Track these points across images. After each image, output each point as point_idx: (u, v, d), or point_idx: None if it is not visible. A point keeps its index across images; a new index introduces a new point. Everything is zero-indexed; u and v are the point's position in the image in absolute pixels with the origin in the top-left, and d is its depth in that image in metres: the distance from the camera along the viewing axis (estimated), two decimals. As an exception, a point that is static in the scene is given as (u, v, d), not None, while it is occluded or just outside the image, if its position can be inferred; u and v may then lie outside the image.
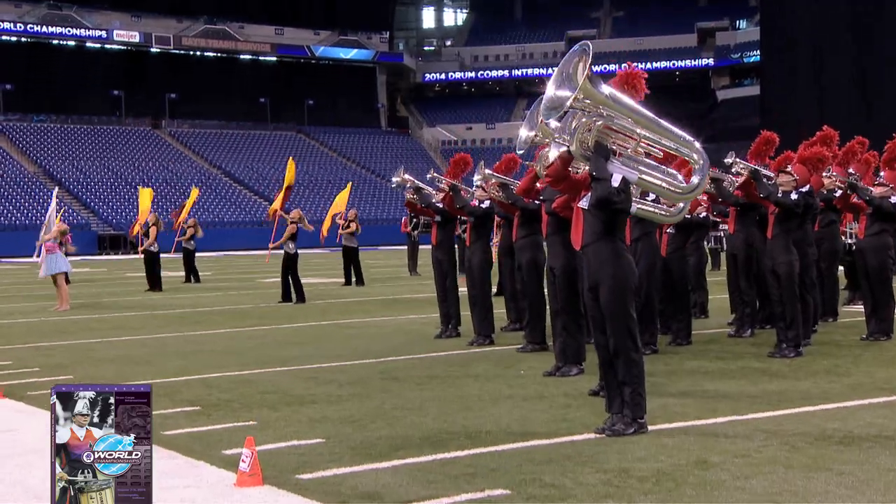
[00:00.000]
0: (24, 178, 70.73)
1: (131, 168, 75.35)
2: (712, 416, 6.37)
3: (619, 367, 5.92)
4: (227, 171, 78.69)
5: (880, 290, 10.20)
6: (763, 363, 8.70)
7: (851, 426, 6.01)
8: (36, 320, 15.00)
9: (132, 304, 17.63)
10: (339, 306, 16.10)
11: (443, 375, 8.35)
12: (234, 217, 71.16)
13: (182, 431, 6.30)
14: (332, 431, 6.16)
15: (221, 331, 12.67)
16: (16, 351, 11.07)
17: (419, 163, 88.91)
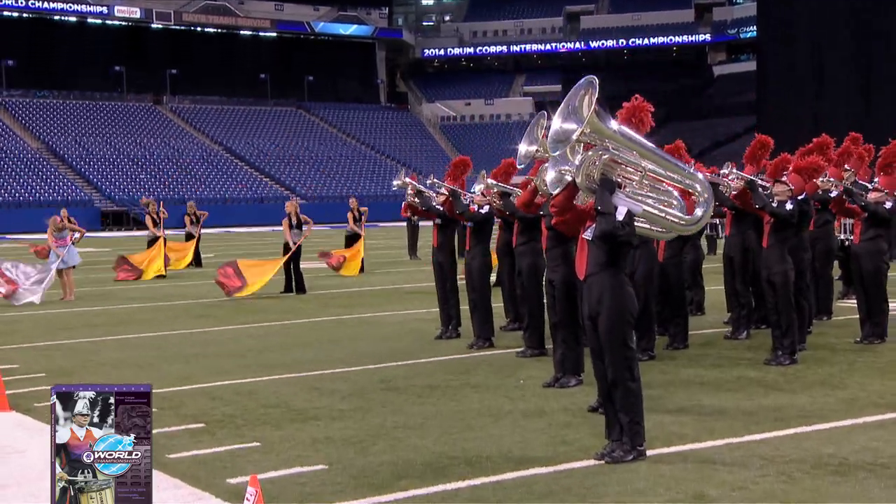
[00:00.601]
0: (27, 153, 70.54)
1: (133, 144, 75.13)
2: (709, 438, 6.37)
3: (616, 396, 5.92)
4: (227, 148, 78.50)
5: (875, 294, 10.19)
6: (759, 371, 8.70)
7: (846, 451, 6.02)
8: (42, 312, 15.00)
9: (137, 294, 17.61)
10: (340, 299, 16.08)
11: (443, 386, 8.35)
12: (235, 193, 71.04)
13: (187, 455, 6.30)
14: (335, 455, 6.16)
15: (225, 328, 12.67)
16: (22, 352, 11.08)
17: (418, 139, 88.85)
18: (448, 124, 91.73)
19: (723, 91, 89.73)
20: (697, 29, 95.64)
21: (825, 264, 12.08)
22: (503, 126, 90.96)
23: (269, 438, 6.68)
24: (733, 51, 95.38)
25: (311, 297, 16.24)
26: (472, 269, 10.37)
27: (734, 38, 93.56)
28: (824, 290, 12.06)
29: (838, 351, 9.77)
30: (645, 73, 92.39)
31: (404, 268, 22.94)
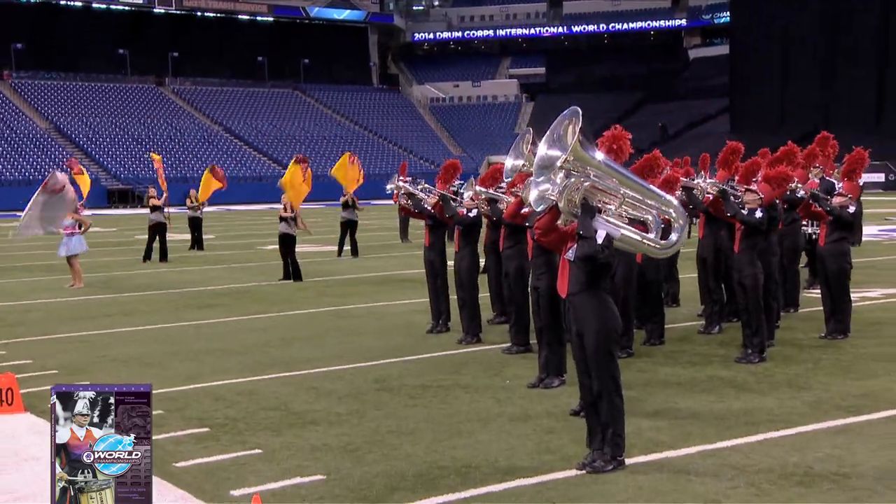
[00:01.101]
0: (36, 133, 70.06)
1: (137, 124, 74.65)
2: (684, 445, 6.43)
3: (601, 408, 5.96)
4: (227, 128, 78.09)
5: (839, 293, 10.26)
6: (730, 370, 8.76)
7: (811, 459, 6.08)
8: (53, 301, 14.97)
9: (143, 281, 17.57)
10: (336, 287, 16.05)
11: (434, 386, 8.37)
12: (235, 172, 70.62)
13: (192, 463, 6.31)
14: (332, 465, 6.19)
15: (229, 319, 12.66)
16: (35, 345, 11.05)
17: (409, 119, 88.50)
18: (437, 105, 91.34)
19: (697, 74, 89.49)
20: (674, 14, 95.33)
21: (793, 260, 12.15)
22: (489, 107, 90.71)
23: (270, 445, 6.70)
24: (707, 35, 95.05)
25: (309, 285, 16.22)
26: (461, 270, 10.39)
27: (708, 24, 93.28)
28: (792, 284, 12.14)
29: (804, 348, 9.83)
30: (624, 57, 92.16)
31: (397, 252, 22.95)
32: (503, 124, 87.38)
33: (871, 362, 9.04)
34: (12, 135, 68.61)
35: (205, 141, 74.79)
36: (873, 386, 8.11)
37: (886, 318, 11.50)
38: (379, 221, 36.91)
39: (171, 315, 13.17)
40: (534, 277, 8.37)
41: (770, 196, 9.37)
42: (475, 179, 10.35)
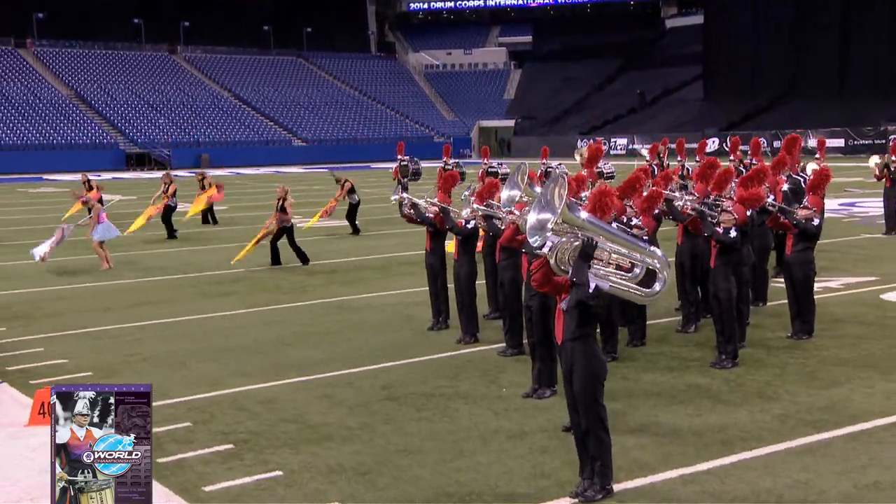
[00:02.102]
0: (59, 100, 69.39)
1: (152, 91, 73.94)
2: (665, 468, 6.53)
3: (589, 443, 6.06)
4: (235, 94, 77.41)
5: (804, 298, 10.34)
6: (706, 377, 8.85)
7: (781, 486, 6.20)
8: (83, 287, 14.97)
9: (162, 263, 17.57)
10: (341, 273, 16.04)
11: (437, 395, 8.45)
12: (243, 136, 70.32)
13: (219, 487, 6.40)
14: (347, 490, 6.28)
15: (246, 311, 12.69)
16: (69, 341, 11.07)
17: (405, 85, 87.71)
18: (431, 72, 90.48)
19: (673, 42, 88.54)
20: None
21: (762, 259, 12.18)
22: (480, 74, 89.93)
23: (290, 465, 6.78)
24: (683, 5, 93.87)
25: (316, 270, 16.24)
26: (461, 276, 10.43)
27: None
28: (761, 281, 12.20)
29: (772, 349, 9.92)
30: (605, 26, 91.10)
31: (398, 228, 22.84)
32: (493, 90, 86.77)
33: (833, 367, 9.14)
34: (36, 101, 67.97)
35: (215, 107, 74.18)
36: (835, 396, 8.22)
37: (846, 314, 11.55)
38: (379, 190, 36.73)
39: (191, 305, 13.20)
40: (527, 296, 8.42)
41: (743, 218, 9.40)
42: (473, 195, 10.32)
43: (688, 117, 69.73)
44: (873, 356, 9.59)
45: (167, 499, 6.26)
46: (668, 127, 69.25)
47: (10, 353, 10.54)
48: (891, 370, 9.05)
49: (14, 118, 64.54)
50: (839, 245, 17.65)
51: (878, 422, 7.52)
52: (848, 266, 15.30)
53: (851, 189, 31.06)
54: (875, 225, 20.62)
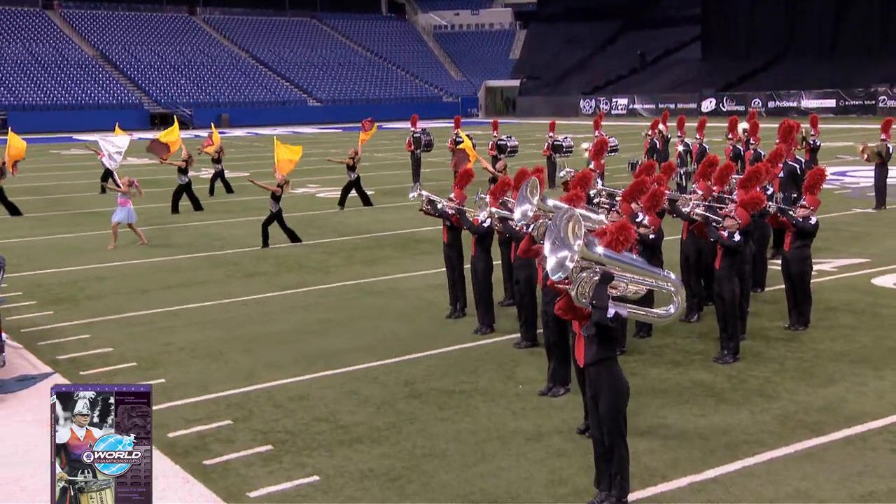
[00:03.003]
0: (85, 60, 68.84)
1: (173, 52, 73.28)
2: (674, 476, 6.65)
3: (613, 459, 6.15)
4: (252, 54, 76.62)
5: (801, 291, 10.39)
6: (710, 373, 8.93)
7: (783, 495, 6.33)
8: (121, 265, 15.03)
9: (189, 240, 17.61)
10: (362, 250, 16.00)
11: (457, 391, 8.55)
12: (261, 97, 69.81)
13: (263, 493, 6.54)
14: (380, 498, 6.42)
15: (274, 294, 12.75)
16: (112, 327, 11.17)
17: (415, 45, 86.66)
18: (440, 32, 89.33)
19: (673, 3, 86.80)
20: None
21: (761, 247, 12.19)
22: (487, 34, 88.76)
23: (326, 469, 6.90)
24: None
25: (337, 248, 16.26)
26: (477, 271, 10.48)
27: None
28: (760, 268, 12.22)
29: (771, 341, 9.98)
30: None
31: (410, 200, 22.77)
32: (499, 51, 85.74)
33: (829, 363, 9.21)
34: (64, 62, 67.48)
35: (234, 67, 73.53)
36: (831, 395, 8.30)
37: (839, 302, 11.58)
38: (392, 154, 36.54)
39: (220, 288, 13.25)
40: (544, 303, 8.47)
41: (746, 222, 9.42)
42: (488, 195, 10.28)
43: (686, 78, 68.94)
44: (865, 349, 9.66)
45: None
46: (668, 87, 68.61)
47: (59, 339, 10.68)
48: (882, 365, 9.13)
49: (43, 78, 64.16)
50: (831, 222, 17.53)
51: (871, 424, 7.61)
52: (840, 246, 15.28)
53: (842, 156, 30.82)
54: (866, 198, 20.50)
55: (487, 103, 78.10)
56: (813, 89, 59.58)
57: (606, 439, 6.16)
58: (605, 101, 69.72)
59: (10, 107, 59.39)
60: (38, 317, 11.76)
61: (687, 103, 64.56)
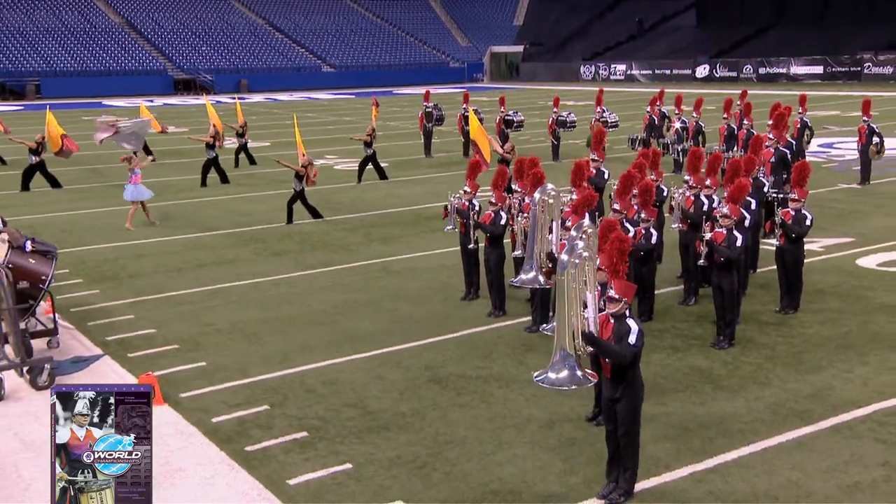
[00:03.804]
0: (112, 28, 68.19)
1: (194, 19, 72.50)
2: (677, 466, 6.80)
3: (625, 456, 6.30)
4: (269, 21, 75.76)
5: (794, 278, 10.48)
6: (707, 359, 9.07)
7: (776, 485, 6.49)
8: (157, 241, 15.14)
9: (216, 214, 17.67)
10: (378, 229, 15.96)
11: (474, 377, 8.70)
12: (278, 63, 69.20)
13: (301, 481, 6.71)
14: (408, 487, 6.58)
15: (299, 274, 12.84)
16: (153, 307, 11.29)
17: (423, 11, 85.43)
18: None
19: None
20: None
21: (755, 232, 12.22)
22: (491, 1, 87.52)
23: (357, 457, 7.07)
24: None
25: (357, 224, 16.30)
26: (491, 260, 10.55)
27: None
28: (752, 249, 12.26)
29: (763, 325, 10.08)
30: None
31: (422, 172, 22.83)
32: (504, 17, 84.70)
33: (817, 349, 9.33)
34: (92, 29, 66.88)
35: (251, 34, 72.78)
36: (819, 383, 8.42)
37: (826, 284, 11.66)
38: (403, 123, 36.36)
39: (251, 267, 13.34)
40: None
41: (738, 213, 9.46)
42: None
43: (682, 45, 68.06)
44: (851, 334, 9.77)
45: (258, 491, 6.61)
46: (664, 53, 67.77)
47: (106, 319, 10.84)
48: (866, 351, 9.25)
49: (73, 45, 63.66)
50: (818, 198, 17.44)
51: (856, 413, 7.75)
52: (826, 224, 15.27)
53: (829, 126, 30.61)
54: (851, 172, 20.42)
55: (492, 69, 77.30)
56: (802, 56, 58.82)
57: (622, 441, 6.29)
58: (604, 67, 69.00)
59: (43, 73, 59.08)
60: (86, 296, 11.92)
61: (682, 69, 63.89)
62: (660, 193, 11.90)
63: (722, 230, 9.35)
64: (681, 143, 20.41)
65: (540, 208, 8.54)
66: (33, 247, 9.69)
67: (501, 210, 10.52)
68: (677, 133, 20.70)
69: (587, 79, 68.77)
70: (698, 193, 10.86)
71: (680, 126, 20.75)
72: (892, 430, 7.39)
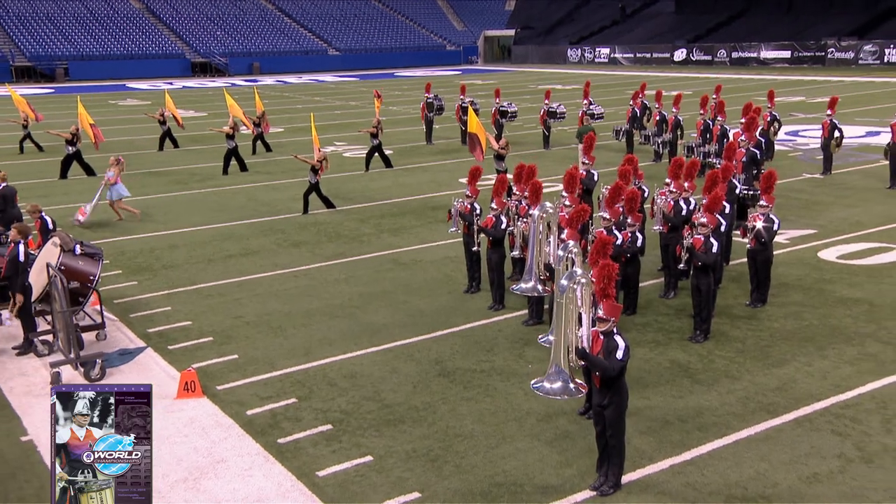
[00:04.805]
0: (133, 14, 67.31)
1: (209, 5, 71.53)
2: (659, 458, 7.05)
3: (612, 453, 6.57)
4: (279, 7, 74.81)
5: (763, 275, 10.70)
6: (685, 353, 9.29)
7: (746, 477, 6.73)
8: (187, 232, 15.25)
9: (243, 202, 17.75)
10: (387, 219, 16.03)
11: (478, 370, 8.93)
12: (287, 46, 68.49)
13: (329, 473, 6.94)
14: (423, 479, 6.80)
15: (316, 266, 12.97)
16: (188, 299, 11.43)
17: None
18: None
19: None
20: None
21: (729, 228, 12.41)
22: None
23: (377, 450, 7.29)
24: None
25: (367, 215, 16.38)
26: (492, 260, 10.72)
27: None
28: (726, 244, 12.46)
29: (735, 319, 10.28)
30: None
31: (425, 160, 22.86)
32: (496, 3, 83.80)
33: (782, 342, 9.55)
34: (114, 14, 66.03)
35: (262, 19, 71.92)
36: (783, 376, 8.66)
37: (791, 276, 11.86)
38: (405, 108, 36.22)
39: (274, 258, 13.44)
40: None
41: (714, 222, 9.64)
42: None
43: (661, 30, 67.49)
44: (812, 328, 9.98)
45: (292, 483, 6.86)
46: (645, 38, 67.22)
47: (146, 311, 11.02)
48: (825, 345, 9.47)
49: (97, 31, 62.91)
50: (783, 188, 17.47)
51: (815, 406, 8.00)
52: (791, 215, 15.40)
53: (795, 113, 30.62)
54: (814, 161, 20.54)
55: (486, 51, 76.68)
56: (771, 41, 58.48)
57: (610, 440, 6.56)
58: (589, 51, 68.46)
59: (71, 57, 58.48)
60: (126, 287, 12.10)
61: (661, 53, 63.47)
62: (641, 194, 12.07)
63: (700, 236, 9.55)
64: (660, 136, 20.51)
65: (538, 224, 8.71)
66: (82, 250, 9.87)
67: (502, 214, 10.69)
68: (657, 125, 20.79)
69: (574, 61, 68.32)
70: (678, 199, 11.06)
71: (660, 119, 20.83)
72: (846, 423, 7.67)
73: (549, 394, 6.51)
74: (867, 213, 15.55)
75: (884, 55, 52.56)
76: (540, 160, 22.09)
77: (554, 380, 6.49)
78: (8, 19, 60.97)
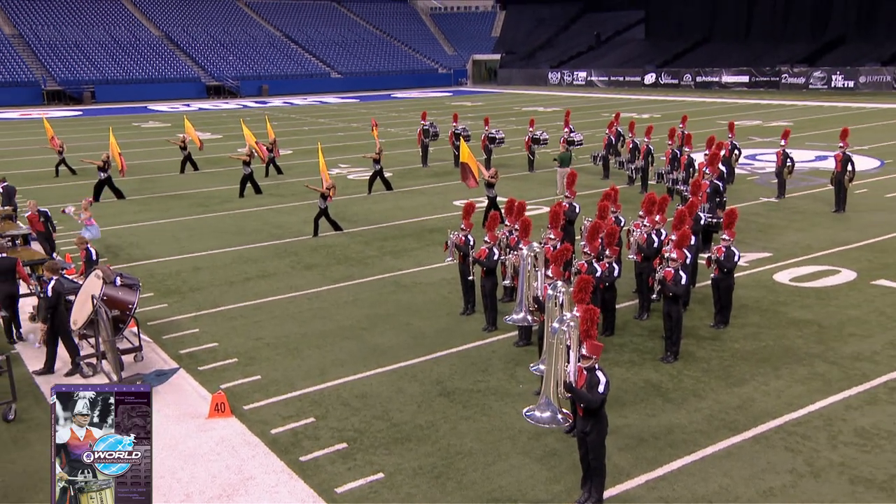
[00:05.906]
0: (153, 41, 67.16)
1: (221, 32, 71.47)
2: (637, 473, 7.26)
3: (595, 473, 6.80)
4: (285, 33, 74.82)
5: (725, 300, 10.96)
6: (657, 373, 9.50)
7: (711, 492, 6.96)
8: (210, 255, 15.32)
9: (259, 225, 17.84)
10: (390, 241, 16.14)
11: (475, 390, 9.13)
12: (293, 70, 68.50)
13: (346, 490, 7.12)
14: (429, 495, 7.00)
15: (327, 288, 13.09)
16: (213, 321, 11.51)
17: (415, 24, 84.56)
18: (435, 13, 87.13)
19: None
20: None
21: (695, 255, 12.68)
22: (473, 15, 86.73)
23: (388, 467, 7.47)
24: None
25: (371, 237, 16.50)
26: (485, 287, 10.96)
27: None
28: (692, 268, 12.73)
29: (700, 340, 10.51)
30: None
31: (421, 182, 23.02)
32: (483, 29, 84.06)
33: (742, 363, 9.77)
34: (136, 41, 65.85)
35: (270, 45, 71.90)
36: (743, 395, 8.88)
37: (749, 298, 12.07)
38: (403, 130, 36.37)
39: (289, 280, 13.55)
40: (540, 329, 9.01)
41: (683, 257, 9.92)
42: None
43: (633, 55, 67.94)
44: (767, 349, 10.19)
45: (314, 500, 7.04)
46: (618, 63, 67.60)
47: (177, 333, 11.13)
48: (780, 365, 9.69)
49: (120, 56, 62.75)
50: (743, 213, 17.48)
51: (770, 423, 8.22)
52: (749, 238, 15.62)
53: (753, 137, 30.98)
54: (769, 185, 20.82)
55: (474, 74, 76.96)
56: (731, 67, 59.01)
57: (592, 462, 6.81)
58: (568, 74, 68.82)
59: (96, 81, 58.34)
60: (157, 310, 12.23)
61: (633, 76, 63.89)
62: (618, 223, 12.33)
63: (670, 269, 9.82)
64: (633, 162, 20.81)
65: (527, 262, 8.96)
66: (122, 281, 10.05)
67: (494, 247, 10.94)
68: (630, 152, 21.10)
69: (554, 83, 68.69)
70: (650, 232, 11.33)
71: (632, 147, 21.14)
72: (797, 440, 7.93)
73: (540, 422, 6.80)
74: (816, 237, 15.86)
75: (831, 80, 53.21)
76: (526, 182, 22.45)
77: (544, 409, 6.78)
78: (40, 47, 60.79)
